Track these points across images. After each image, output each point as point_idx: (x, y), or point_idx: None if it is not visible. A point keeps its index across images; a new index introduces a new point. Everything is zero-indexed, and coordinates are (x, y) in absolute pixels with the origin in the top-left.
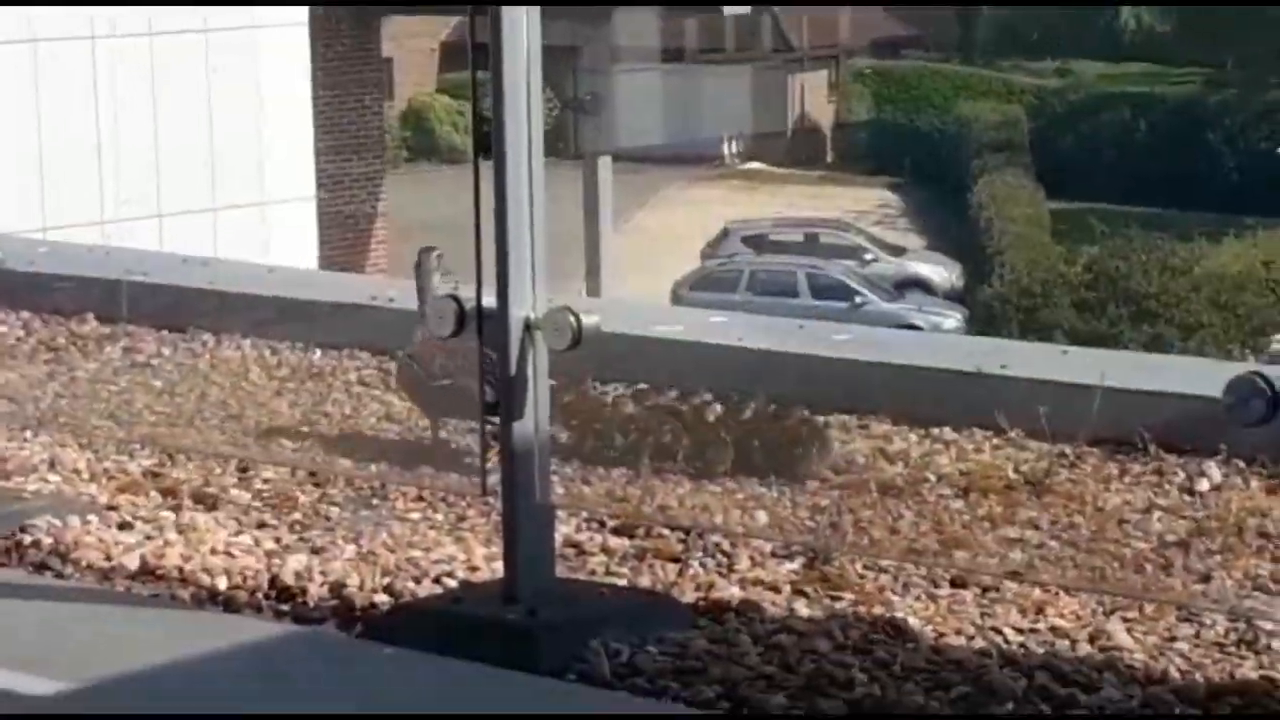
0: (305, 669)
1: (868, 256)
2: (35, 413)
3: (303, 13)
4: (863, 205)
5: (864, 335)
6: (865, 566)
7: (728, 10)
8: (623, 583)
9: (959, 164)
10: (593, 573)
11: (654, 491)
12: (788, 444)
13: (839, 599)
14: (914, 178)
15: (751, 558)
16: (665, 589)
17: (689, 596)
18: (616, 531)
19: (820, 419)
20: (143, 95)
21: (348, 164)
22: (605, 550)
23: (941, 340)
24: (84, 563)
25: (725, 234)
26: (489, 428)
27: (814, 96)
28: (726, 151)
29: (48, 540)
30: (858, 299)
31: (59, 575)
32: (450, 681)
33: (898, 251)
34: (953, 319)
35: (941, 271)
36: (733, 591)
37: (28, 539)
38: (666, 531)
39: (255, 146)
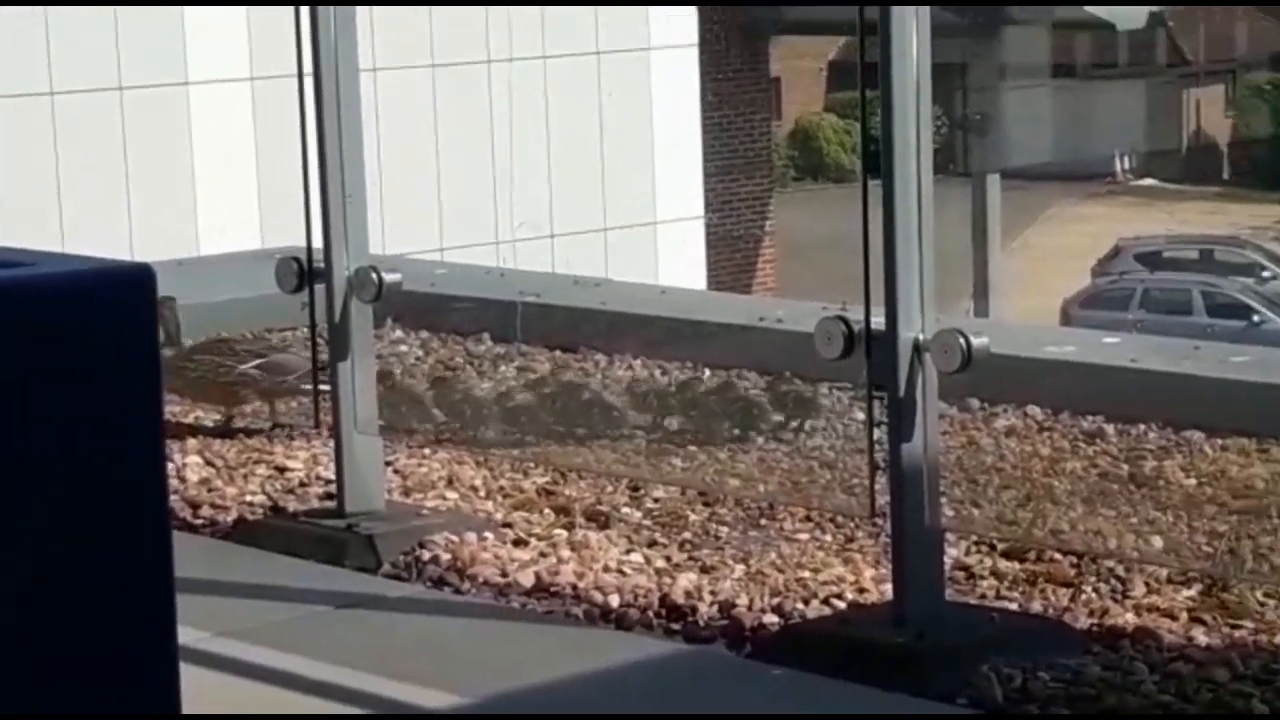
0: (696, 688)
1: (1265, 273)
2: (434, 431)
3: (693, 34)
4: (1260, 221)
5: (1264, 356)
6: (1266, 594)
7: (1120, 25)
8: (1014, 607)
9: None
10: (983, 596)
11: (1046, 515)
12: None
13: (1239, 627)
14: None
15: (1147, 583)
16: (1058, 614)
17: (1082, 622)
18: (1007, 555)
19: None
20: (537, 118)
21: (735, 184)
22: (995, 574)
23: None
24: (480, 579)
25: (1116, 251)
26: (877, 449)
27: (1209, 111)
28: (1119, 168)
29: (446, 556)
30: (1255, 317)
31: (456, 591)
32: (838, 704)
33: None
34: None
35: None
36: (1128, 618)
37: (426, 555)
38: (1059, 556)
39: (646, 168)
